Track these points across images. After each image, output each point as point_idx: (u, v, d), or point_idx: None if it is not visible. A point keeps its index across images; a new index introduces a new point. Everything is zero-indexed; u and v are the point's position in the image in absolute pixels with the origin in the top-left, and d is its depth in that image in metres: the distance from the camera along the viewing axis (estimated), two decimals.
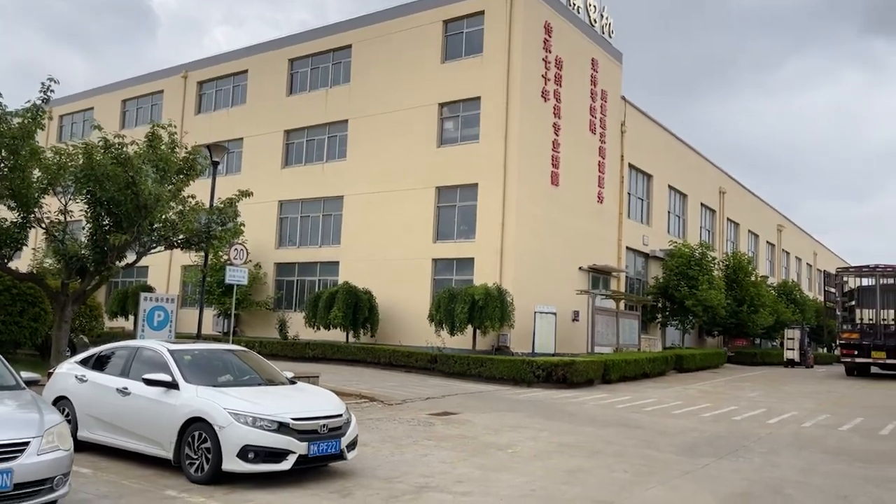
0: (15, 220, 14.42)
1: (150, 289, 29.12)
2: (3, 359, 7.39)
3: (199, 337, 16.77)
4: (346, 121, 29.48)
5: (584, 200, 28.80)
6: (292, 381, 9.35)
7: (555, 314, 24.25)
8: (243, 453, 7.47)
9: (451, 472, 8.68)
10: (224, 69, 34.25)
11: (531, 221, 25.30)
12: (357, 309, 25.17)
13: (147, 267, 31.12)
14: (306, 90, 31.38)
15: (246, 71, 33.43)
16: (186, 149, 16.42)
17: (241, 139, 32.52)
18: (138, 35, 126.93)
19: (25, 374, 7.34)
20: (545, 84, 26.33)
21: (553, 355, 22.53)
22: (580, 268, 28.35)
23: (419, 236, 26.48)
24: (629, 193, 33.22)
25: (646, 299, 33.04)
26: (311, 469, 8.19)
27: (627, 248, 32.58)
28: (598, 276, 30.12)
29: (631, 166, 33.11)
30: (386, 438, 10.82)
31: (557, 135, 26.93)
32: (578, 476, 8.74)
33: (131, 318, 28.56)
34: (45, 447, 5.88)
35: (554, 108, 26.82)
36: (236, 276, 17.65)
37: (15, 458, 5.68)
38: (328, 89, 30.46)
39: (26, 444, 5.80)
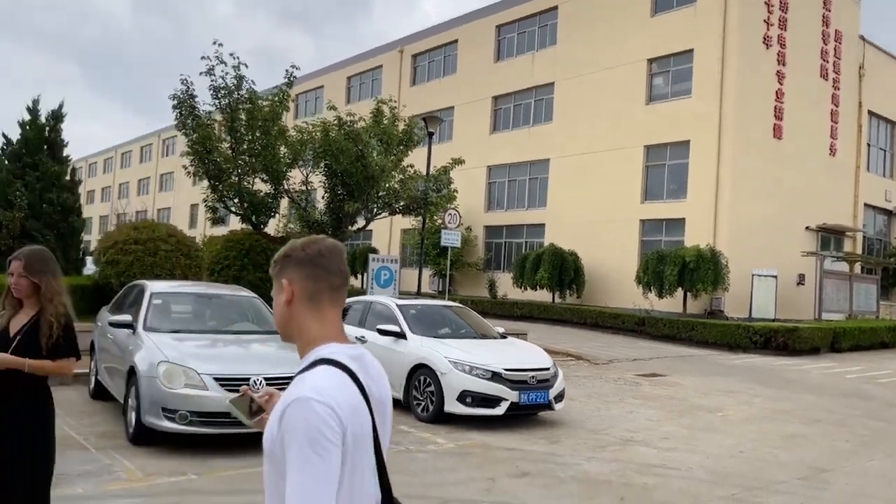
0: (268, 192, 16.67)
1: (374, 251, 31.85)
2: (269, 308, 8.91)
3: (418, 294, 18.28)
4: (553, 83, 29.62)
5: (813, 153, 26.43)
6: (503, 336, 10.11)
7: (775, 277, 22.82)
8: (462, 397, 8.37)
9: (656, 430, 8.93)
10: (435, 41, 35.84)
11: (749, 178, 23.84)
12: (563, 270, 25.60)
13: (371, 231, 33.95)
14: (513, 55, 31.94)
15: (456, 41, 34.71)
16: (405, 121, 17.76)
17: (452, 107, 33.97)
18: (356, 13, 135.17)
19: None
20: (767, 29, 24.40)
21: (772, 321, 21.31)
22: (807, 227, 26.22)
23: (626, 197, 26.13)
24: (868, 144, 29.88)
25: (887, 262, 29.71)
26: (522, 416, 8.89)
27: (866, 204, 29.47)
28: (829, 236, 27.63)
29: (871, 113, 29.69)
30: (592, 395, 11.25)
31: (781, 83, 24.91)
32: (793, 442, 8.56)
33: (359, 276, 31.46)
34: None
35: (777, 55, 24.80)
36: (450, 238, 18.87)
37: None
38: (534, 53, 30.75)
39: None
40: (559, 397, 8.91)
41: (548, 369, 8.92)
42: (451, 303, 11.46)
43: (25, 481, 3.49)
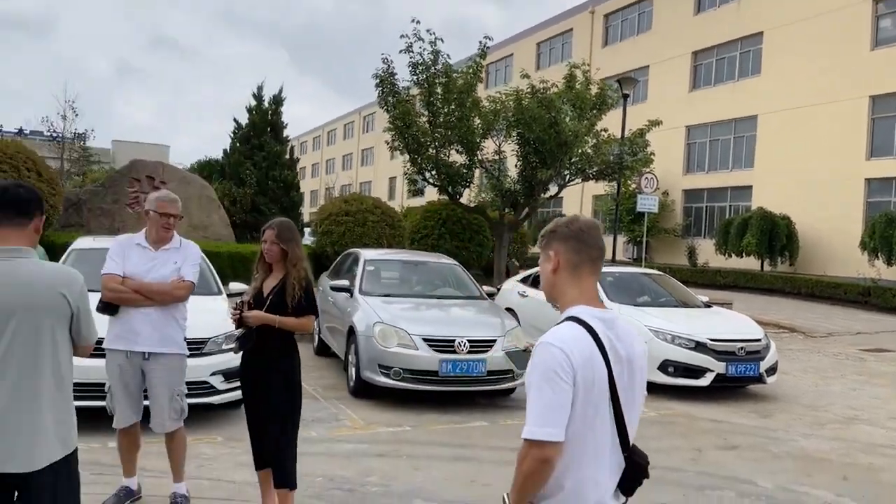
0: (463, 163, 17.21)
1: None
2: (469, 274, 9.30)
3: (613, 262, 17.99)
4: (761, 33, 27.28)
5: None
6: (707, 306, 9.70)
7: None
8: (663, 367, 8.21)
9: (883, 408, 8.16)
10: None
11: None
12: (773, 236, 23.76)
13: (562, 198, 33.73)
14: (715, 6, 29.81)
15: None
16: (598, 84, 17.37)
17: (647, 67, 32.53)
18: None
19: (487, 288, 9.12)
20: None
21: None
22: None
23: (847, 154, 23.55)
24: None
25: None
26: (728, 389, 8.53)
27: None
28: None
29: None
30: (808, 369, 10.48)
31: None
32: None
33: None
34: (507, 345, 7.38)
35: None
36: (647, 203, 18.30)
37: (486, 351, 7.28)
38: (739, 1, 28.46)
39: (494, 341, 7.37)
40: (771, 370, 8.43)
41: (758, 340, 8.46)
42: (649, 270, 11.19)
43: (279, 422, 4.04)
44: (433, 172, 16.44)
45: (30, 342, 2.45)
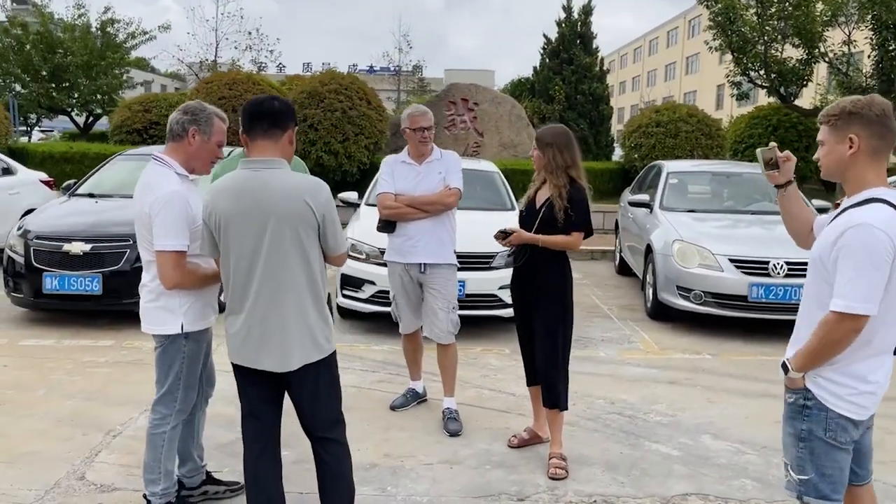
0: (798, 58, 14.84)
1: None
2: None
3: None
4: None
5: None
6: None
7: None
8: None
9: None
10: None
11: None
12: None
13: None
14: None
15: None
16: None
17: None
18: None
19: (819, 203, 7.73)
20: None
21: None
22: None
23: None
24: None
25: None
26: None
27: None
28: None
29: None
30: None
31: None
32: None
33: None
34: None
35: None
36: None
37: None
38: None
39: None
40: None
41: None
42: None
43: (548, 339, 3.86)
44: (761, 72, 14.45)
45: (282, 249, 2.56)
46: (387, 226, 4.37)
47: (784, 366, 2.32)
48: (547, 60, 17.84)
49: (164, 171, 2.83)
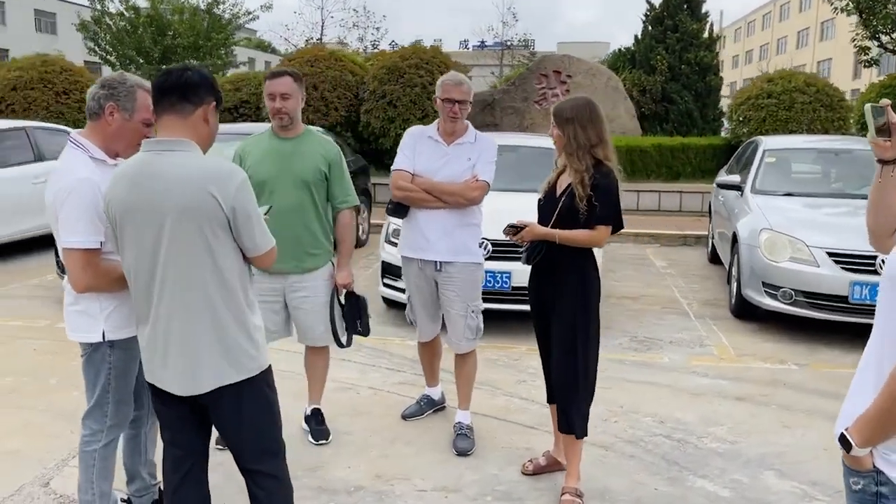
0: None
1: None
2: None
3: None
4: None
5: None
6: None
7: None
8: None
9: None
10: None
11: None
12: None
13: None
14: None
15: None
16: None
17: None
18: None
19: None
20: None
21: None
22: None
23: None
24: None
25: None
26: None
27: None
28: None
29: None
30: None
31: None
32: None
33: None
34: None
35: None
36: None
37: None
38: None
39: None
40: None
41: None
42: None
43: (563, 353, 3.25)
44: (893, 36, 12.69)
45: (185, 249, 2.13)
46: (398, 209, 3.76)
47: (843, 439, 1.64)
48: (649, 28, 16.56)
49: (76, 154, 2.45)
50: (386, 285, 5.90)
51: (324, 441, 3.75)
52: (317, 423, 3.82)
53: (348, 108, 12.90)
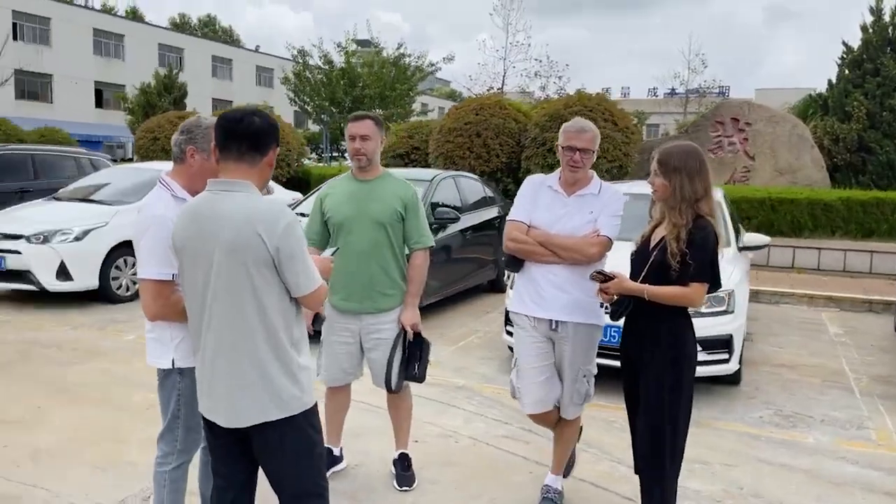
0: None
1: None
2: None
3: None
4: None
5: None
6: None
7: None
8: None
9: None
10: None
11: None
12: None
13: None
14: None
15: None
16: None
17: None
18: None
19: None
20: None
21: None
22: None
23: None
24: None
25: None
26: None
27: None
28: None
29: None
30: None
31: None
32: None
33: None
34: None
35: None
36: None
37: None
38: None
39: None
40: None
41: None
42: None
43: (649, 422, 2.97)
44: None
45: (230, 285, 2.22)
46: (512, 263, 3.51)
47: None
48: (846, 72, 15.13)
49: (160, 194, 2.67)
50: (509, 333, 5.79)
51: (407, 488, 3.71)
52: (402, 469, 3.79)
53: (510, 155, 13.02)
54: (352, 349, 3.65)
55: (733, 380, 5.57)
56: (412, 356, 3.62)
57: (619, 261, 3.27)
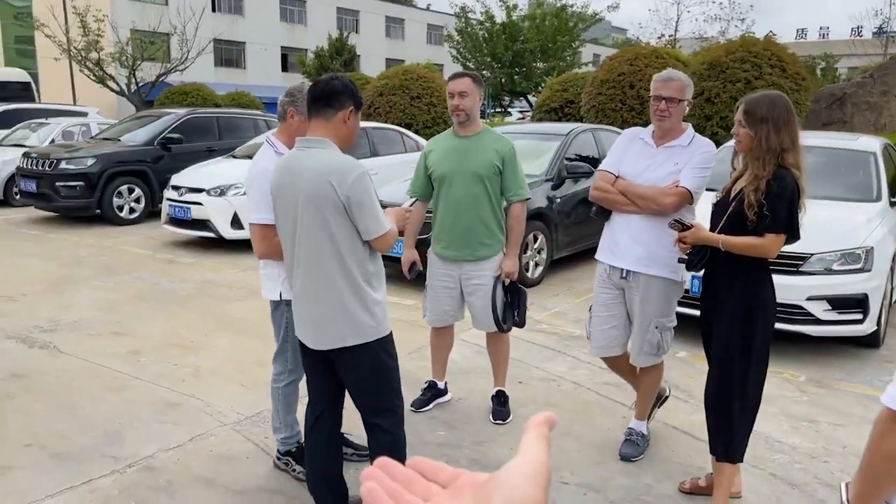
0: None
1: None
2: None
3: None
4: None
5: None
6: None
7: None
8: None
9: None
10: None
11: None
12: None
13: None
14: None
15: None
16: None
17: None
18: None
19: None
20: None
21: None
22: None
23: None
24: None
25: None
26: None
27: None
28: None
29: None
30: None
31: None
32: None
33: None
34: None
35: None
36: None
37: None
38: None
39: None
40: None
41: None
42: None
43: (719, 373, 3.02)
44: None
45: (312, 230, 2.60)
46: (600, 212, 3.61)
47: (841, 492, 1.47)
48: None
49: (266, 151, 3.10)
50: None
51: (500, 421, 4.01)
52: (498, 405, 4.09)
53: None
54: (453, 293, 3.98)
55: (871, 342, 5.26)
56: (513, 303, 3.88)
57: (706, 213, 3.28)
